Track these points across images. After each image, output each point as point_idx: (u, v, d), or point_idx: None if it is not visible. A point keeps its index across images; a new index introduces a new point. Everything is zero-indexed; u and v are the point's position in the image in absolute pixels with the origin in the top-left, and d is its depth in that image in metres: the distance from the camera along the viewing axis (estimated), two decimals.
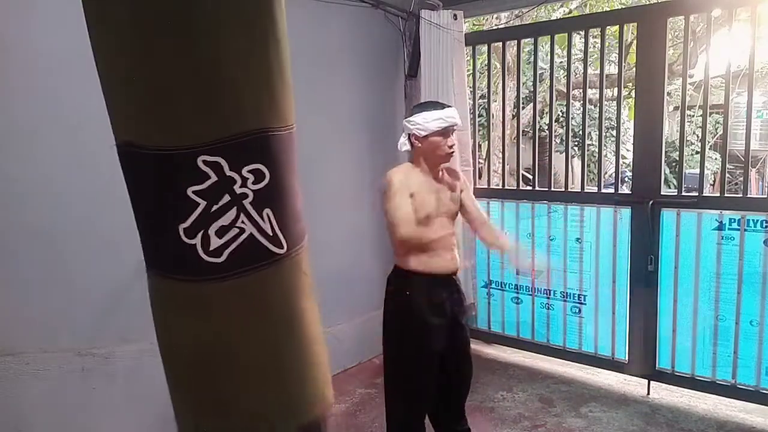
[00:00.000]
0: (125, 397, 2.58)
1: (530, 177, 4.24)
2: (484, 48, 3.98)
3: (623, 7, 6.07)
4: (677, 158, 3.23)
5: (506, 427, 2.91)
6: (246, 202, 1.09)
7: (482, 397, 2.26)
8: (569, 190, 3.60)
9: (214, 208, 1.07)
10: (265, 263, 1.14)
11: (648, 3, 4.18)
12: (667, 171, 6.78)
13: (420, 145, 2.22)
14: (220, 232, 1.08)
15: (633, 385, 3.35)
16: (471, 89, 3.91)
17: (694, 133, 7.48)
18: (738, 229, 2.92)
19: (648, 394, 3.26)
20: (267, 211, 1.12)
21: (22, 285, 2.36)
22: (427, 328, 2.25)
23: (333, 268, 3.47)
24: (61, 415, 2.45)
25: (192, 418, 1.24)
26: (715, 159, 7.19)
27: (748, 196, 3.04)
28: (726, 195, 3.08)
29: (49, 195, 2.37)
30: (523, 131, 6.53)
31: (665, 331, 3.19)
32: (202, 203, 1.06)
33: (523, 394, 3.28)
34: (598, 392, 3.30)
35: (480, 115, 5.56)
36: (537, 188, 3.75)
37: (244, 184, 1.08)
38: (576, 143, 6.84)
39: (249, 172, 1.08)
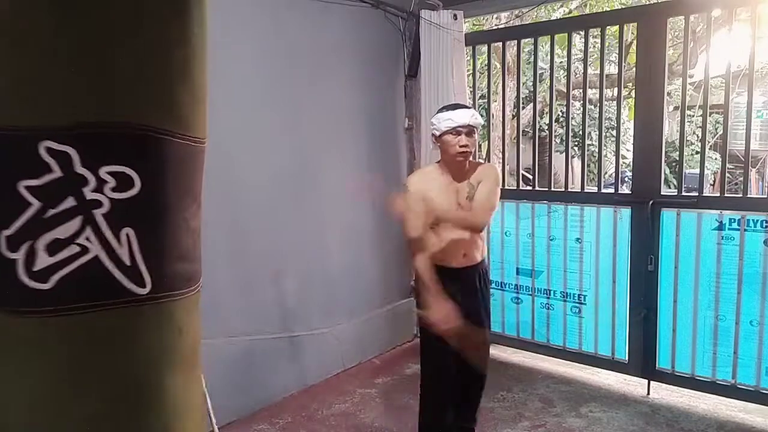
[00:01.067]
0: None
1: (530, 177, 4.25)
2: (484, 48, 3.98)
3: (623, 7, 6.07)
4: (677, 158, 3.23)
5: (506, 427, 2.91)
6: (98, 213, 0.83)
7: (482, 397, 2.26)
8: (569, 190, 3.60)
9: (51, 213, 0.80)
10: (112, 303, 0.84)
11: (648, 3, 4.18)
12: (667, 171, 6.78)
13: (437, 144, 2.38)
14: (53, 247, 0.81)
15: (633, 385, 3.34)
16: (471, 89, 3.91)
17: (694, 133, 7.48)
18: (738, 229, 2.92)
19: (648, 394, 3.25)
20: (127, 231, 0.85)
21: None
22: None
23: (333, 268, 3.48)
24: None
25: None
26: (715, 159, 7.19)
27: (748, 196, 3.04)
28: (726, 195, 3.08)
29: None
30: (523, 131, 6.53)
31: (665, 331, 3.19)
32: (36, 204, 0.80)
33: (523, 394, 3.28)
34: (598, 392, 3.30)
35: (480, 115, 5.55)
36: (537, 188, 3.75)
37: (99, 189, 0.82)
38: (576, 143, 6.84)
39: (109, 174, 0.83)
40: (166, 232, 0.90)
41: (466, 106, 2.43)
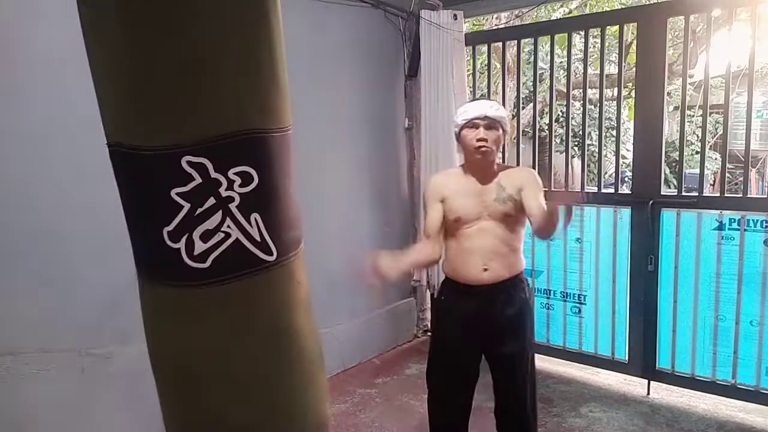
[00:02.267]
0: (125, 398, 2.58)
1: None
2: (484, 48, 3.98)
3: (623, 7, 6.07)
4: (677, 158, 3.23)
5: None
6: (232, 206, 1.05)
7: (482, 397, 2.26)
8: (569, 190, 3.60)
9: (199, 211, 1.03)
10: (253, 270, 1.08)
11: (648, 3, 4.18)
12: (667, 171, 6.78)
13: (459, 143, 2.14)
14: (205, 236, 1.04)
15: (633, 385, 3.34)
16: (471, 89, 3.91)
17: (694, 133, 7.48)
18: (738, 229, 2.92)
19: (648, 394, 3.26)
20: (255, 215, 1.07)
21: (22, 285, 2.36)
22: (448, 337, 2.19)
23: (333, 268, 3.47)
24: (61, 415, 2.45)
25: (179, 430, 1.19)
26: (715, 159, 7.19)
27: (748, 196, 3.04)
28: (726, 195, 3.08)
29: (50, 196, 2.37)
30: (523, 131, 6.53)
31: (665, 331, 3.19)
32: (186, 206, 1.02)
33: None
34: (598, 392, 3.30)
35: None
36: None
37: (230, 187, 1.04)
38: (576, 143, 6.84)
39: (235, 174, 1.04)
40: (280, 210, 1.12)
41: (489, 99, 2.19)
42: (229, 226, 1.05)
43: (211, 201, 1.03)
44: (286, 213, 1.15)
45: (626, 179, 6.05)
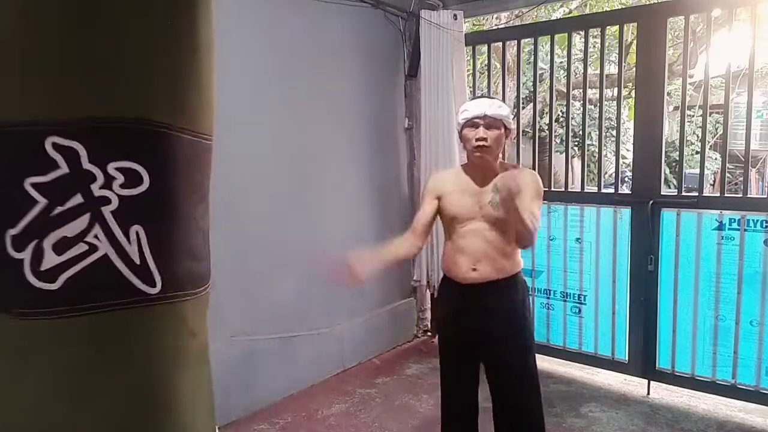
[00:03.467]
0: None
1: None
2: (484, 48, 3.98)
3: (623, 7, 6.07)
4: (677, 158, 3.23)
5: None
6: (106, 210, 0.80)
7: (482, 398, 2.25)
8: (569, 190, 3.60)
9: (58, 210, 0.78)
10: (123, 302, 0.82)
11: (648, 3, 4.17)
12: (667, 171, 6.78)
13: (461, 142, 2.11)
14: (60, 247, 0.78)
15: (633, 385, 3.34)
16: (471, 89, 3.91)
17: (694, 133, 7.48)
18: (738, 229, 2.92)
19: (648, 394, 3.25)
20: (136, 228, 0.82)
21: None
22: (448, 335, 2.22)
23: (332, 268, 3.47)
24: None
25: None
26: (715, 159, 7.19)
27: (748, 196, 3.04)
28: (726, 195, 3.08)
29: None
30: (523, 131, 6.53)
31: (665, 331, 3.19)
32: (42, 202, 0.78)
33: None
34: (598, 392, 3.30)
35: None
36: None
37: (107, 185, 0.80)
38: (576, 143, 6.84)
39: (118, 170, 0.81)
40: (175, 230, 0.88)
41: (490, 97, 2.15)
42: (97, 236, 0.80)
43: (78, 199, 0.79)
44: (185, 237, 0.89)
45: (626, 179, 6.05)
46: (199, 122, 0.93)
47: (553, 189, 3.81)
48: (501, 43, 3.84)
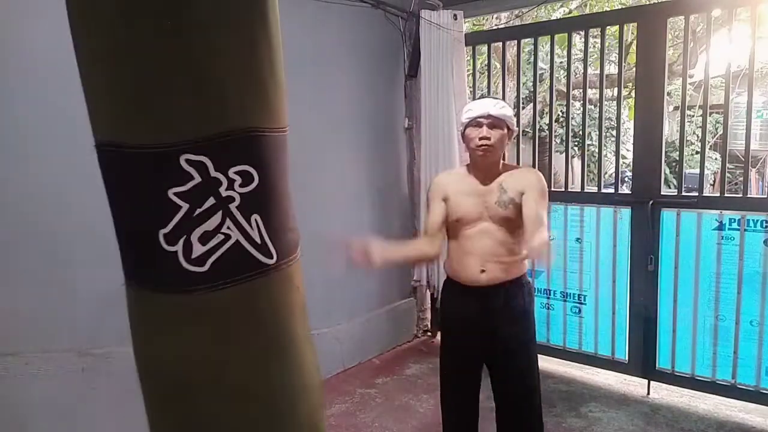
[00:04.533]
0: (125, 398, 2.58)
1: None
2: (484, 48, 3.98)
3: (623, 7, 6.07)
4: (677, 158, 3.23)
5: None
6: (232, 206, 1.01)
7: (482, 398, 2.26)
8: (569, 190, 3.61)
9: (198, 211, 0.99)
10: (252, 274, 1.05)
11: (648, 3, 4.18)
12: (667, 171, 6.78)
13: (464, 142, 2.11)
14: (204, 239, 1.00)
15: (633, 385, 3.34)
16: (471, 89, 3.91)
17: (694, 133, 7.47)
18: (738, 229, 2.92)
19: (648, 394, 3.26)
20: (255, 216, 1.04)
21: (22, 285, 2.36)
22: (452, 337, 2.19)
23: (333, 268, 3.47)
24: (61, 415, 2.45)
25: None
26: (715, 159, 7.19)
27: (748, 196, 3.04)
28: (726, 195, 3.08)
29: (50, 195, 2.37)
30: (523, 131, 6.52)
31: (665, 331, 3.19)
32: (184, 206, 0.98)
33: None
34: (598, 392, 3.30)
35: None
36: None
37: (230, 187, 1.00)
38: (576, 143, 6.84)
39: (236, 173, 1.01)
40: (280, 211, 1.09)
41: (494, 98, 2.16)
42: (229, 228, 1.01)
43: (211, 201, 0.99)
44: (284, 215, 1.12)
45: (626, 179, 6.04)
46: (281, 117, 1.10)
47: (553, 189, 3.80)
48: (501, 43, 3.84)
